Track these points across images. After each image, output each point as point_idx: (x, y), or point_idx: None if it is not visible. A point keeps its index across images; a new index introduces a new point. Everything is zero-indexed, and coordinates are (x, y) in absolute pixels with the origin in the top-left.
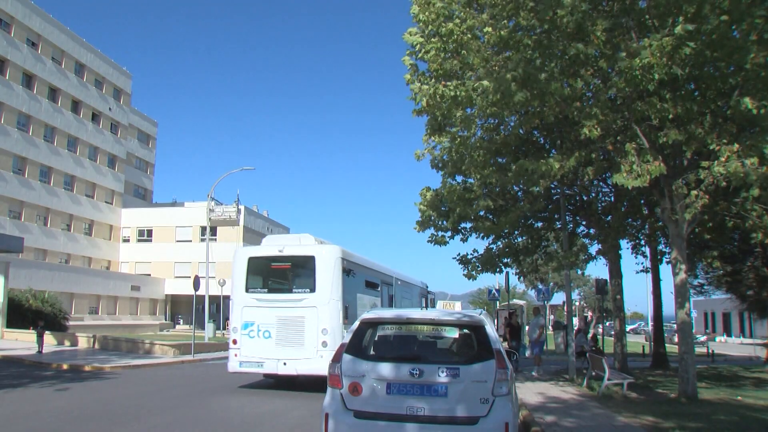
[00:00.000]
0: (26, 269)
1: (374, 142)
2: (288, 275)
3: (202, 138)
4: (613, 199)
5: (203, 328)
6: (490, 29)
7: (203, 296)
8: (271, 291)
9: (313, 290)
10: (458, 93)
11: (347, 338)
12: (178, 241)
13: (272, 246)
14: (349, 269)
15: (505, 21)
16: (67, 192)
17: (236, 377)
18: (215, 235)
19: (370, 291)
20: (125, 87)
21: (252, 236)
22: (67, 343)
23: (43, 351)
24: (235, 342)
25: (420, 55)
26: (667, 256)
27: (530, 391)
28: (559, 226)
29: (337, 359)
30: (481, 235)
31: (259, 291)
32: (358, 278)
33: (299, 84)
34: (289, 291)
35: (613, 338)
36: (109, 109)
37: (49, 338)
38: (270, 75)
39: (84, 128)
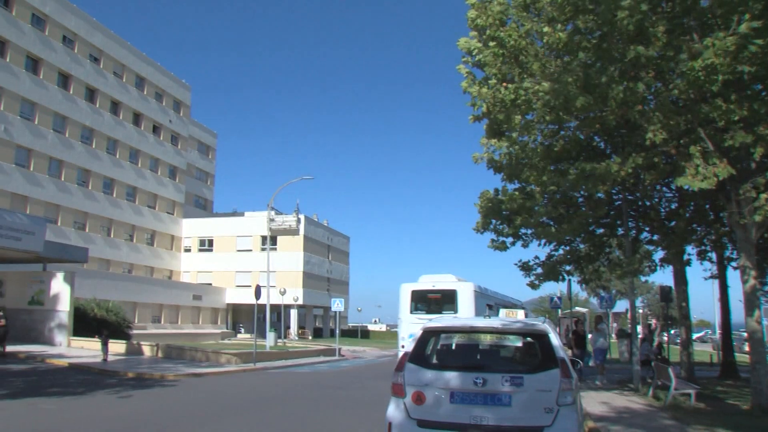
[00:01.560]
0: (91, 279)
1: (431, 147)
2: (439, 302)
3: (261, 148)
4: (676, 204)
5: (264, 337)
6: (549, 29)
7: (264, 305)
8: (428, 312)
9: (456, 312)
10: (518, 96)
11: (410, 347)
12: (238, 251)
13: (427, 282)
14: (477, 296)
15: (562, 25)
16: (130, 203)
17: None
18: (276, 244)
19: (490, 311)
20: (185, 99)
21: (312, 245)
22: (131, 351)
23: (108, 359)
24: (403, 347)
25: (477, 58)
26: (734, 263)
27: (594, 401)
28: (621, 232)
29: (400, 368)
30: (543, 241)
31: (419, 312)
32: (482, 302)
33: (356, 92)
34: (440, 312)
35: (678, 347)
36: (170, 121)
37: (113, 346)
38: (327, 84)
39: (145, 140)
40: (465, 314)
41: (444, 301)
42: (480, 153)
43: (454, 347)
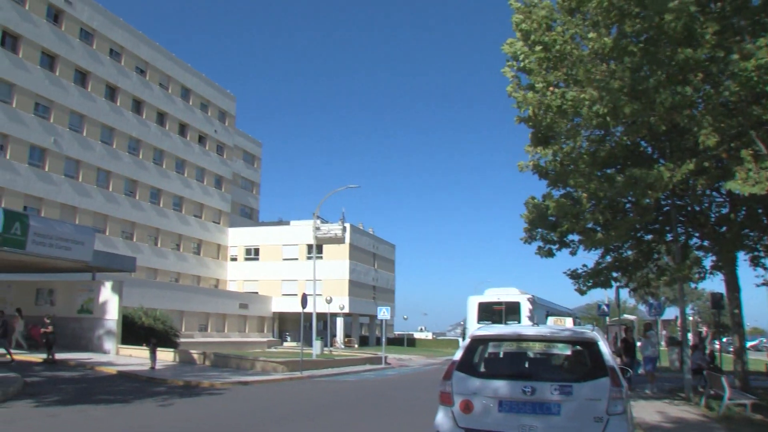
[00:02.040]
0: (138, 288)
1: (476, 152)
2: (503, 313)
3: (305, 157)
4: (727, 209)
5: (311, 345)
6: (594, 35)
7: (311, 314)
8: (493, 323)
9: (519, 322)
10: (564, 103)
11: (458, 355)
12: (284, 260)
13: (493, 295)
14: (536, 307)
15: (607, 29)
16: (176, 213)
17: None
18: (321, 253)
19: (547, 319)
20: (230, 109)
21: (358, 254)
22: (178, 359)
23: (156, 367)
24: None
25: (522, 64)
26: None
27: (645, 410)
28: (670, 238)
29: (448, 376)
30: (590, 248)
31: (485, 322)
32: (541, 312)
33: (400, 100)
34: (504, 323)
35: (732, 355)
36: (215, 131)
37: (161, 355)
38: (370, 92)
39: (191, 150)
40: (526, 323)
41: (508, 312)
42: (525, 161)
43: (501, 356)
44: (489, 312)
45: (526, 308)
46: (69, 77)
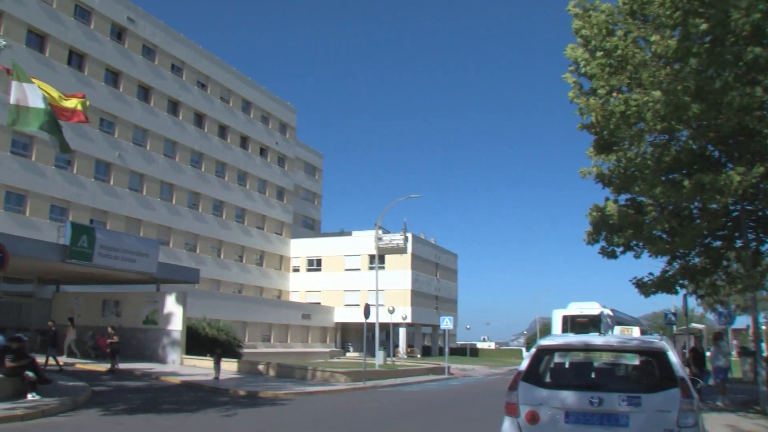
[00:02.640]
0: (202, 299)
1: (537, 160)
2: (586, 325)
3: (367, 167)
4: None
5: (374, 356)
6: (657, 37)
7: (373, 324)
8: (576, 334)
9: (599, 333)
10: (627, 108)
11: (524, 365)
12: (346, 270)
13: (575, 309)
14: (615, 320)
15: (671, 31)
16: (239, 224)
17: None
18: (383, 263)
19: (613, 328)
20: (290, 121)
21: (420, 263)
22: (242, 370)
23: (220, 377)
24: None
25: (584, 70)
26: None
27: (717, 423)
28: (740, 244)
29: (513, 387)
30: (655, 255)
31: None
32: (616, 322)
33: (461, 109)
34: (587, 334)
35: None
36: (276, 143)
37: (225, 365)
38: (431, 101)
39: (253, 163)
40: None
41: (590, 324)
42: (587, 167)
43: (567, 366)
44: (572, 324)
45: (606, 321)
46: (132, 93)
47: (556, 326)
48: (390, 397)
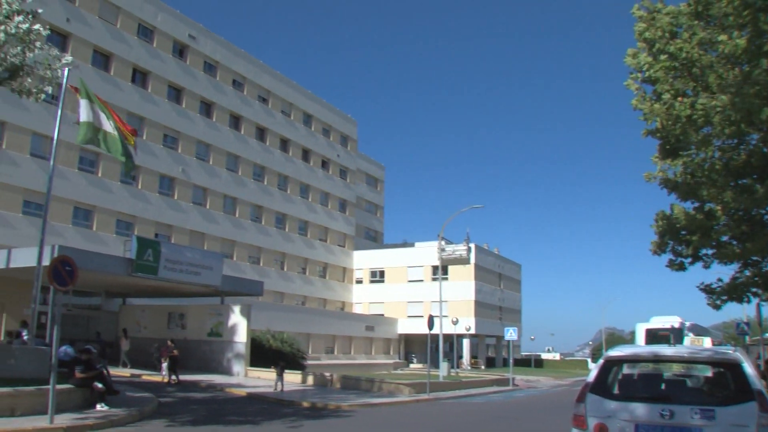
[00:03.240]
0: (266, 311)
1: (600, 167)
2: (668, 337)
3: (428, 178)
4: None
5: (437, 367)
6: (724, 37)
7: (437, 335)
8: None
9: (681, 344)
10: (694, 112)
11: (591, 377)
12: (409, 281)
13: (658, 322)
14: (697, 332)
15: (739, 30)
16: (302, 237)
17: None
18: (447, 274)
19: (683, 339)
20: (351, 134)
21: (484, 274)
22: (306, 381)
23: (284, 389)
24: None
25: (647, 74)
26: None
27: None
28: None
29: (581, 399)
30: (725, 261)
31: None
32: (704, 335)
33: (521, 117)
34: (671, 345)
35: None
36: (337, 155)
37: (289, 377)
38: (491, 109)
39: (314, 175)
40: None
41: (672, 336)
42: (653, 172)
43: (635, 377)
44: (655, 337)
45: (687, 334)
46: (195, 108)
47: (640, 339)
48: (454, 409)
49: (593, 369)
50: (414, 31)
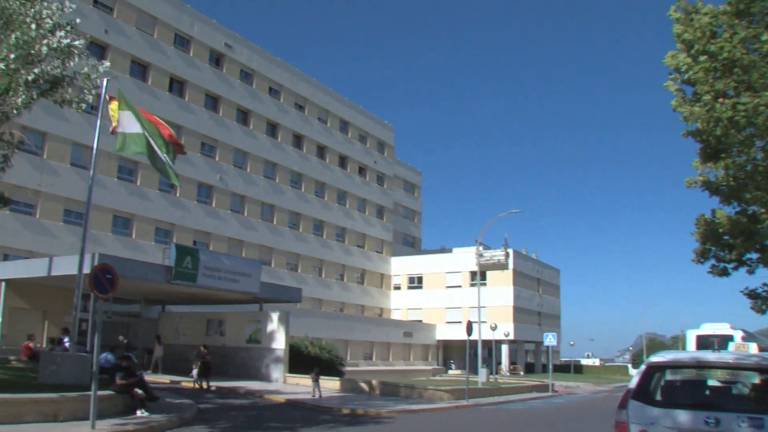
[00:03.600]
0: (304, 318)
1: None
2: (718, 345)
3: (466, 183)
4: None
5: (476, 373)
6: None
7: (475, 341)
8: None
9: (726, 350)
10: (736, 113)
11: (633, 383)
12: (447, 287)
13: (708, 329)
14: (746, 340)
15: None
16: (339, 243)
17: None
18: (485, 279)
19: (728, 345)
20: (388, 140)
21: (522, 279)
22: (344, 388)
23: (320, 395)
24: None
25: (687, 76)
26: None
27: None
28: None
29: (623, 405)
30: None
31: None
32: (751, 341)
33: (559, 122)
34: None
35: None
36: (374, 162)
37: (328, 383)
38: (528, 115)
39: (352, 182)
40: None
41: (722, 345)
42: (693, 177)
43: (678, 384)
44: (706, 345)
45: (737, 339)
46: (232, 117)
47: (690, 346)
48: (494, 415)
49: (635, 375)
50: (450, 37)
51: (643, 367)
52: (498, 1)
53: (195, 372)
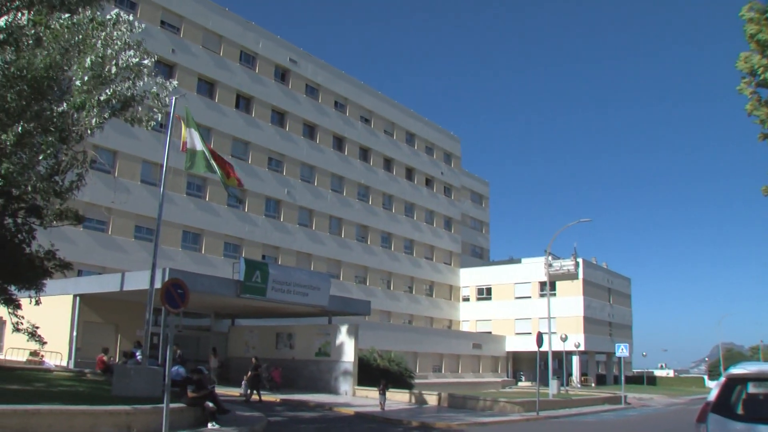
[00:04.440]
0: (372, 330)
1: (711, 178)
2: None
3: (533, 193)
4: None
5: (546, 385)
6: None
7: (545, 352)
8: None
9: None
10: None
11: (713, 395)
12: (517, 298)
13: None
14: None
15: None
16: (408, 255)
17: None
18: (554, 290)
19: None
20: (455, 151)
21: (592, 289)
22: (414, 400)
23: (385, 407)
24: None
25: (762, 77)
26: None
27: None
28: None
29: (702, 419)
30: None
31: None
32: None
33: (626, 130)
34: None
35: None
36: (441, 173)
37: (396, 396)
38: (595, 123)
39: (419, 194)
40: None
41: None
42: None
43: (762, 397)
44: None
45: None
46: (298, 131)
47: None
48: (565, 428)
49: (714, 387)
50: (517, 46)
51: (722, 378)
52: (561, 11)
53: (244, 384)
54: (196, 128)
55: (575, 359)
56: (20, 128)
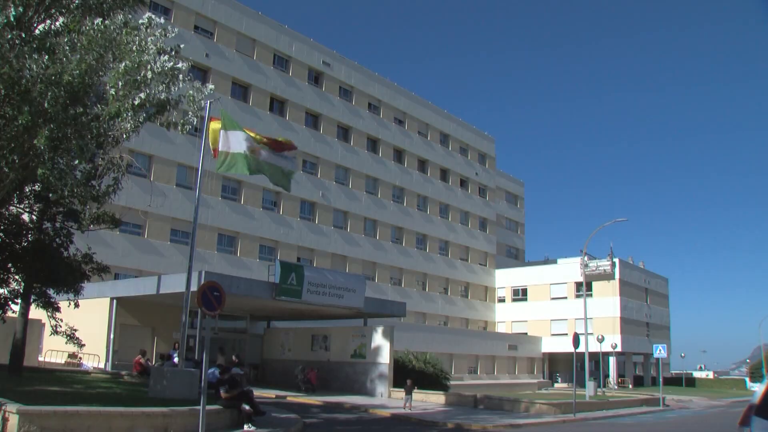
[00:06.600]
0: (408, 332)
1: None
2: None
3: (569, 193)
4: None
5: (583, 386)
6: None
7: (582, 353)
8: None
9: None
10: None
11: (756, 397)
12: (552, 299)
13: None
14: None
15: None
16: (443, 257)
17: None
18: (590, 290)
19: None
20: (489, 151)
21: (629, 290)
22: (449, 402)
23: (410, 407)
24: None
25: None
26: None
27: None
28: None
29: (745, 422)
30: None
31: None
32: None
33: (663, 127)
34: None
35: None
36: (476, 174)
37: (432, 397)
38: (631, 122)
39: (453, 195)
40: None
41: None
42: None
43: None
44: None
45: None
46: (332, 133)
47: None
48: (603, 430)
49: (758, 389)
50: (551, 46)
51: (766, 380)
52: (596, 8)
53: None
54: (240, 128)
55: (612, 360)
56: (47, 131)
